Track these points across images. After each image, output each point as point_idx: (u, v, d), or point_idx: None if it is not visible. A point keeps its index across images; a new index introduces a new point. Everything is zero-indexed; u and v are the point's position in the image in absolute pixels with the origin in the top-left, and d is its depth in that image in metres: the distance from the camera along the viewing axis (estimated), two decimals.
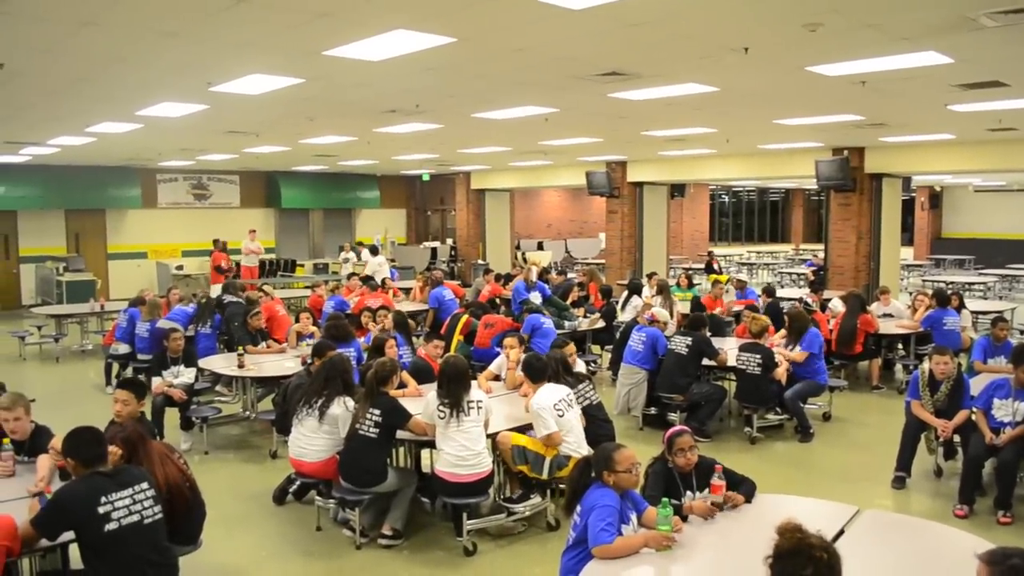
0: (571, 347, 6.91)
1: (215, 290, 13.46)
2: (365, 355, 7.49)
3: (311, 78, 7.53)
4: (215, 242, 18.85)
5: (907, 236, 25.93)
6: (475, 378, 7.40)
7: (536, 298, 11.48)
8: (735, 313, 11.53)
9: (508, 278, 13.88)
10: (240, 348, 8.36)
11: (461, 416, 5.37)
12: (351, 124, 11.47)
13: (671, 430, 4.48)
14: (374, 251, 17.51)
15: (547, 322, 9.53)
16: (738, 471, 4.45)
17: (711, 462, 4.40)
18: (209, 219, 21.28)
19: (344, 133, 12.61)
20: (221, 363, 8.48)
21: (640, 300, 11.16)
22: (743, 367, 8.02)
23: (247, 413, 8.48)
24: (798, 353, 8.27)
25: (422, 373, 7.02)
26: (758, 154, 16.37)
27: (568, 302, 11.85)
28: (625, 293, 11.90)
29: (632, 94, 8.44)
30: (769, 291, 11.83)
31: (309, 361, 7.03)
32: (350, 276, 14.59)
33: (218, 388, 9.19)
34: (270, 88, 7.95)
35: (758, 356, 7.94)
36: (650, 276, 13.32)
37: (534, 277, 12.28)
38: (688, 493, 4.31)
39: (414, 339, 9.28)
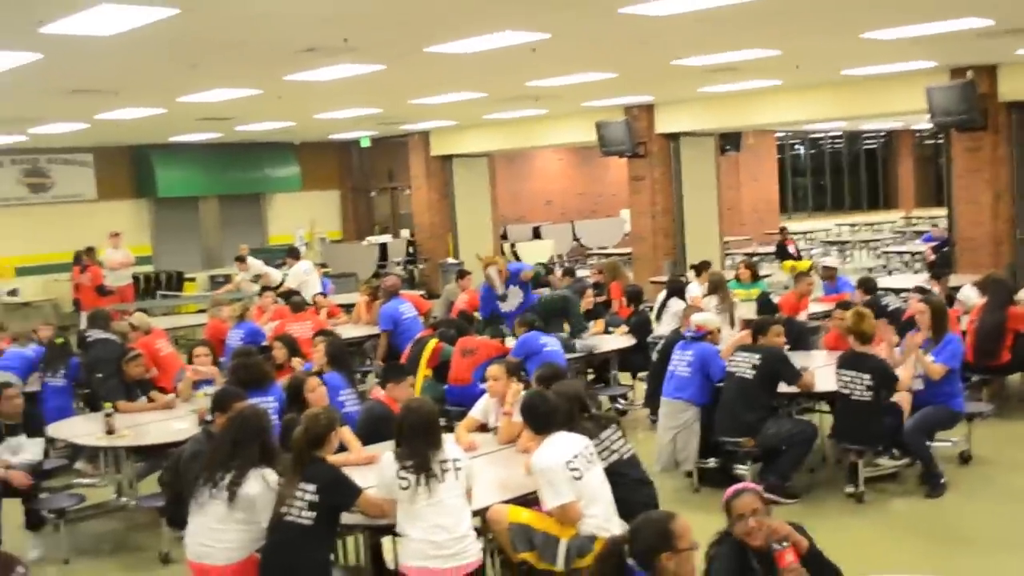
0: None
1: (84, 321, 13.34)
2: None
3: (187, 7, 7.51)
4: (87, 252, 18.54)
5: None
6: (451, 429, 7.43)
7: (512, 298, 11.33)
8: (820, 314, 11.55)
9: None
10: (108, 405, 8.33)
11: (432, 483, 5.38)
12: (252, 71, 11.47)
13: (729, 490, 4.52)
14: (294, 254, 17.45)
15: (550, 343, 9.51)
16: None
17: (796, 529, 4.44)
18: (53, 219, 21.10)
19: (243, 85, 12.60)
20: (81, 428, 8.41)
21: (683, 304, 11.16)
22: (846, 391, 8.02)
23: (123, 500, 8.44)
24: (939, 367, 8.19)
25: (381, 425, 6.99)
26: (843, 84, 16.38)
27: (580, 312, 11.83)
28: (662, 294, 11.88)
29: (653, 7, 8.46)
30: (868, 286, 11.74)
31: (209, 418, 7.03)
32: (262, 292, 14.55)
33: (78, 466, 9.14)
34: (128, 25, 7.93)
35: (867, 374, 7.92)
36: (699, 268, 13.31)
37: (497, 280, 11.49)
38: None
39: (367, 376, 9.14)
